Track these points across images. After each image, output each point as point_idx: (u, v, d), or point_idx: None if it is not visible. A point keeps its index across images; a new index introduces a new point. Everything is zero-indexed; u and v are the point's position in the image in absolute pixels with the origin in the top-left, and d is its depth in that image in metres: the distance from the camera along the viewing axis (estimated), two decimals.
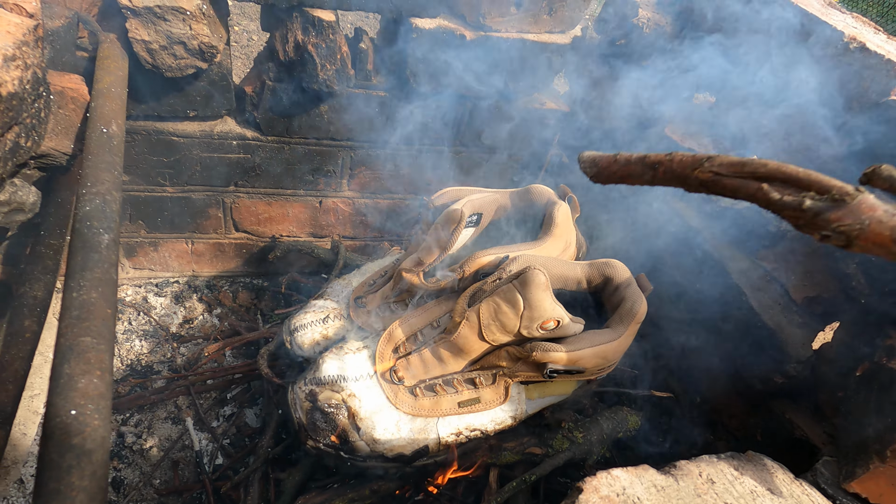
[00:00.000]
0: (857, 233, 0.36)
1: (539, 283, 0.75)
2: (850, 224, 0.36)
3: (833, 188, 0.38)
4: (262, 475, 0.95)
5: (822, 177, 0.39)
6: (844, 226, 0.36)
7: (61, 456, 0.37)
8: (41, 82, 0.63)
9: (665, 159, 0.49)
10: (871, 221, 0.35)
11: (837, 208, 0.37)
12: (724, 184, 0.43)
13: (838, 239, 0.37)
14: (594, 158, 0.59)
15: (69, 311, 0.46)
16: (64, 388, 0.41)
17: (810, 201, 0.38)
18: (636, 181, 0.53)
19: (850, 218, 0.36)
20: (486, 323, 0.79)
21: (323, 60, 0.99)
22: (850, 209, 0.36)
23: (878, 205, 0.36)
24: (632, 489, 0.51)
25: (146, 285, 1.32)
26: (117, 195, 0.60)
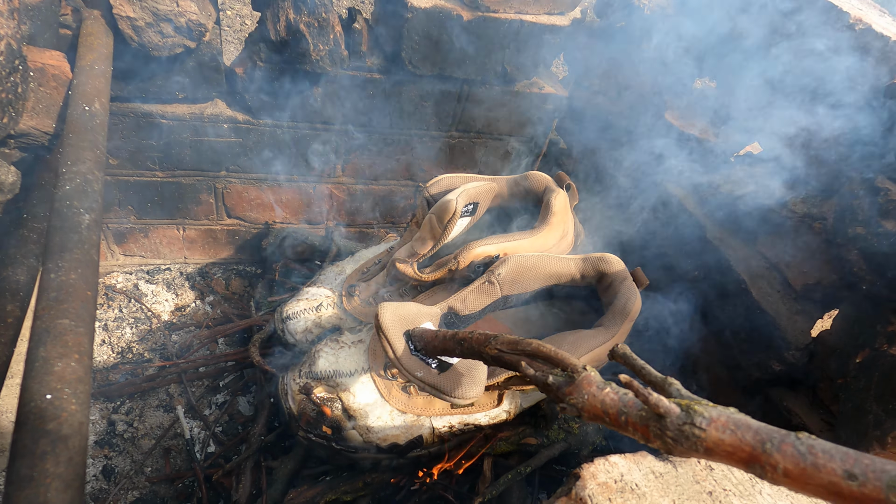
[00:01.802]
0: (581, 405, 0.41)
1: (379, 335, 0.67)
2: (577, 398, 0.42)
3: (569, 366, 0.44)
4: (254, 463, 0.94)
5: (565, 356, 0.46)
6: (573, 399, 0.42)
7: (35, 442, 0.35)
8: (16, 55, 0.60)
9: (467, 337, 0.58)
10: (588, 396, 0.41)
11: (569, 383, 0.43)
12: (505, 359, 0.52)
13: (572, 410, 0.42)
14: (421, 334, 0.67)
15: (46, 292, 0.44)
16: (39, 372, 0.39)
17: (552, 377, 0.45)
18: (451, 354, 0.61)
19: (577, 392, 0.42)
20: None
21: (315, 40, 0.96)
22: (576, 385, 0.42)
23: (594, 381, 0.42)
24: (630, 476, 0.50)
25: (137, 272, 1.30)
26: (99, 174, 0.58)
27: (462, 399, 0.62)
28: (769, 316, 0.91)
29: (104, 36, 0.80)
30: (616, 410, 0.39)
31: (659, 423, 0.35)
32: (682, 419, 0.34)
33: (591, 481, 0.48)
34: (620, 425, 0.39)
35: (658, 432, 0.35)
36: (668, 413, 0.35)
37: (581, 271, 0.84)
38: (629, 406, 0.38)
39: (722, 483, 0.54)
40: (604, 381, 0.42)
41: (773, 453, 0.29)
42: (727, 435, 0.32)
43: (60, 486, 0.34)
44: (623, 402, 0.39)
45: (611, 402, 0.39)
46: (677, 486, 0.52)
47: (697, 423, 0.33)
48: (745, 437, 0.31)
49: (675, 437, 0.34)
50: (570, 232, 0.98)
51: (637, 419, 0.37)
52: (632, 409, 0.38)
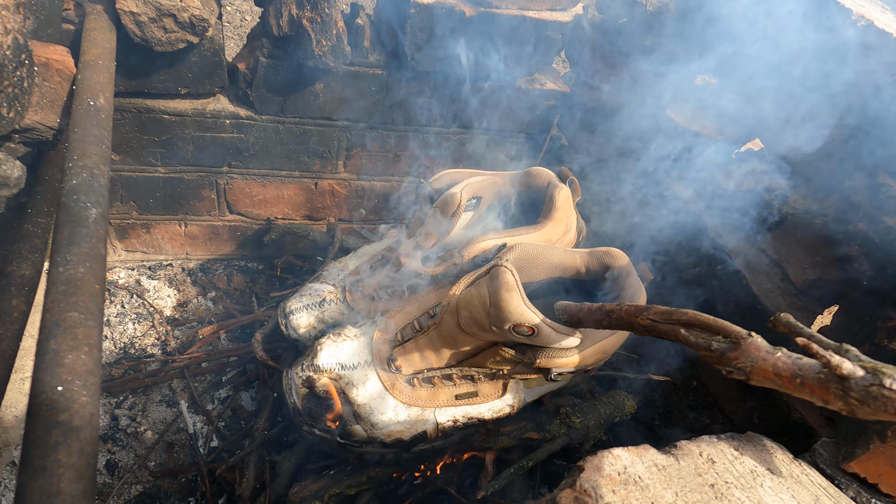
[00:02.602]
0: (750, 369, 0.44)
1: (505, 283, 0.69)
2: (745, 362, 0.44)
3: (732, 333, 0.47)
4: (257, 458, 0.95)
5: (726, 324, 0.48)
6: (741, 363, 0.44)
7: (47, 433, 0.36)
8: (23, 49, 0.60)
9: (616, 309, 0.60)
10: (758, 360, 0.43)
11: (736, 349, 0.45)
12: (658, 329, 0.54)
13: (738, 374, 0.45)
14: (566, 308, 0.72)
15: (56, 286, 0.45)
16: (50, 364, 0.39)
17: (716, 344, 0.48)
18: (598, 326, 0.65)
19: (744, 357, 0.44)
20: (462, 314, 0.77)
21: (318, 36, 0.96)
22: (743, 350, 0.45)
23: (762, 346, 0.44)
24: (633, 468, 0.50)
25: (139, 268, 1.30)
26: (105, 169, 0.58)
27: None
28: (770, 312, 0.92)
29: (107, 31, 0.80)
30: (790, 373, 0.40)
31: (841, 385, 0.36)
32: (868, 380, 0.35)
33: (594, 473, 0.48)
34: (795, 388, 0.39)
35: (840, 394, 0.36)
36: (853, 375, 0.35)
37: (586, 264, 0.85)
38: (804, 369, 0.39)
39: (724, 476, 0.55)
40: (773, 347, 0.43)
41: None
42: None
43: (73, 476, 0.35)
44: (797, 366, 0.39)
45: (783, 366, 0.40)
46: (679, 478, 0.53)
47: (887, 384, 0.34)
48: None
49: (861, 399, 0.35)
50: (573, 227, 0.98)
51: (815, 381, 0.37)
52: (808, 371, 0.38)
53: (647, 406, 1.12)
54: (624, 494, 0.46)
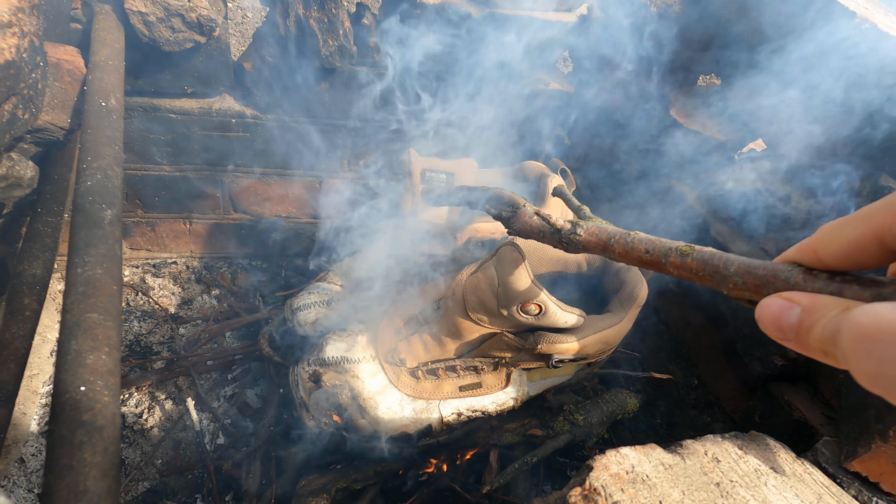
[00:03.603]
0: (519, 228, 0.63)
1: (513, 260, 0.72)
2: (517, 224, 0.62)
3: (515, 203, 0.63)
4: (263, 454, 0.96)
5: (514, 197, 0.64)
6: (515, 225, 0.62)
7: (72, 432, 0.36)
8: (38, 51, 0.61)
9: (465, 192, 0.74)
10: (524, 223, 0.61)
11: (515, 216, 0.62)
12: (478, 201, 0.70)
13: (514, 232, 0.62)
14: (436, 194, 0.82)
15: (74, 287, 0.45)
16: (72, 365, 0.40)
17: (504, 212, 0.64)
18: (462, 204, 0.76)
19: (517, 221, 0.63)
20: (469, 300, 0.78)
21: (325, 36, 0.97)
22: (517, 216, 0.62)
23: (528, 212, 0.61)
24: (640, 467, 0.51)
25: (143, 266, 1.30)
26: (119, 170, 0.58)
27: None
28: None
29: (116, 31, 0.80)
30: (538, 230, 0.57)
31: (559, 235, 0.53)
32: (570, 231, 0.52)
33: (603, 472, 0.49)
34: (541, 237, 0.57)
35: (558, 239, 0.54)
36: (563, 228, 0.53)
37: (587, 259, 0.86)
38: (545, 227, 0.56)
39: (729, 475, 0.56)
40: (533, 212, 0.59)
41: (613, 244, 0.45)
42: (592, 237, 0.49)
43: (98, 475, 0.35)
44: (541, 225, 0.57)
45: (536, 225, 0.58)
46: (686, 477, 0.53)
47: (577, 232, 0.51)
48: (601, 237, 0.48)
49: (566, 242, 0.52)
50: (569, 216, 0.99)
51: (549, 234, 0.55)
52: (546, 228, 0.56)
53: (647, 404, 1.13)
54: (633, 493, 0.47)
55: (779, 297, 0.26)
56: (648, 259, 0.41)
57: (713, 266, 0.33)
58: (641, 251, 0.42)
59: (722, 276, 0.32)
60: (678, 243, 0.39)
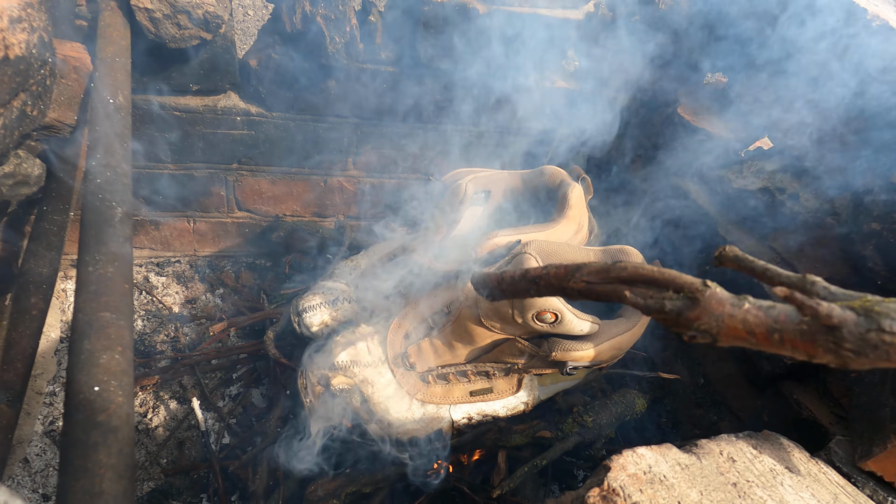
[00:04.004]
0: (716, 330, 0.36)
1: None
2: (708, 322, 0.36)
3: (685, 286, 0.38)
4: (270, 455, 0.95)
5: (675, 275, 0.39)
6: (704, 324, 0.36)
7: (87, 433, 0.36)
8: (47, 47, 0.60)
9: (543, 273, 0.52)
10: (724, 317, 0.35)
11: (694, 307, 0.37)
12: (597, 290, 0.46)
13: (704, 337, 0.37)
14: (484, 279, 0.63)
15: (86, 286, 0.45)
16: (86, 364, 0.39)
17: (669, 303, 0.39)
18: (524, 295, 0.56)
19: (706, 315, 0.36)
20: (483, 306, 0.78)
21: (332, 33, 0.96)
22: (702, 307, 0.36)
23: (725, 298, 0.36)
24: (657, 467, 0.51)
25: (147, 265, 1.29)
26: (128, 168, 0.58)
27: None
28: None
29: (122, 28, 0.79)
30: (765, 329, 0.33)
31: (832, 336, 0.30)
32: (863, 325, 0.29)
33: (621, 472, 0.49)
34: (773, 344, 0.33)
35: (831, 346, 0.30)
36: (844, 322, 0.30)
37: (600, 259, 0.85)
38: (781, 321, 0.32)
39: (745, 475, 0.55)
40: (737, 297, 0.36)
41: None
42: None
43: (114, 477, 0.35)
44: (772, 318, 0.33)
45: (755, 320, 0.34)
46: (703, 477, 0.53)
47: (886, 326, 0.28)
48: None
49: (858, 349, 0.29)
50: (585, 226, 0.98)
51: (797, 335, 0.31)
52: (786, 323, 0.32)
53: (654, 403, 1.12)
54: (651, 494, 0.47)
55: None
56: None
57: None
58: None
59: None
60: None
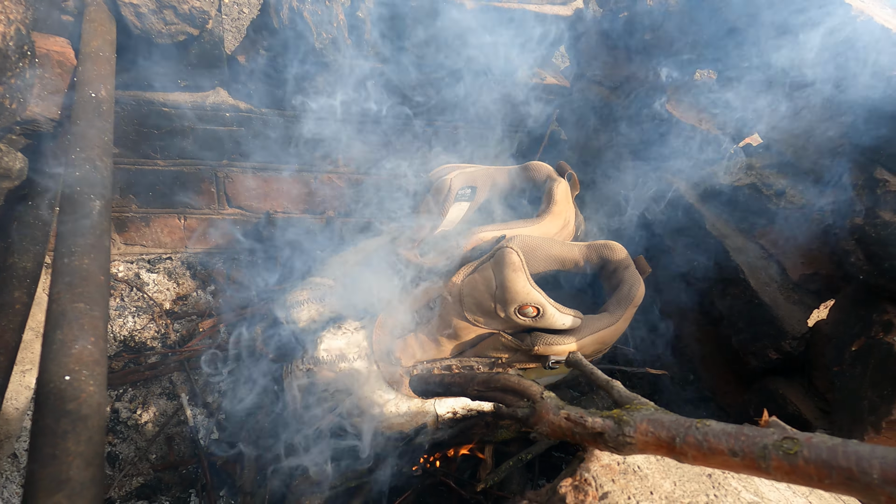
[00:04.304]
0: (546, 432, 0.47)
1: (510, 263, 0.71)
2: (541, 426, 0.48)
3: (529, 396, 0.50)
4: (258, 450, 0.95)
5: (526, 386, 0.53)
6: (539, 428, 0.48)
7: (56, 422, 0.36)
8: (25, 40, 0.60)
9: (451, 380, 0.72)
10: (548, 423, 0.47)
11: (534, 413, 0.49)
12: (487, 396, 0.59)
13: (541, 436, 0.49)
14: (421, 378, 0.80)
15: (61, 277, 0.45)
16: (57, 354, 0.39)
17: (520, 411, 0.50)
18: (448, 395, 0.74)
19: (540, 422, 0.48)
20: (466, 302, 0.78)
21: (319, 29, 0.96)
22: (538, 414, 0.48)
23: (550, 406, 0.47)
24: (632, 458, 0.51)
25: (138, 261, 1.30)
26: (108, 161, 0.58)
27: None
28: (767, 306, 0.93)
29: (107, 23, 0.79)
30: (571, 432, 0.45)
31: (602, 438, 0.41)
32: (616, 431, 0.40)
33: (594, 463, 0.49)
34: (577, 441, 0.44)
35: (603, 445, 0.41)
36: (605, 430, 0.41)
37: (585, 257, 0.85)
38: (579, 426, 0.44)
39: None
40: (558, 406, 0.47)
41: (682, 445, 0.34)
42: (649, 437, 0.38)
43: (82, 464, 0.35)
44: (574, 423, 0.45)
45: (566, 426, 0.46)
46: (678, 468, 0.53)
47: (627, 432, 0.39)
48: (661, 436, 0.37)
49: (615, 446, 0.40)
50: (571, 221, 0.98)
51: (588, 436, 0.43)
52: (581, 429, 0.44)
53: None
54: (623, 483, 0.47)
55: None
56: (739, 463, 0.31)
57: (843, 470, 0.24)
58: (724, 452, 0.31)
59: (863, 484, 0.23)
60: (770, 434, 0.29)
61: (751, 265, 0.98)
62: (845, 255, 0.82)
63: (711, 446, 0.32)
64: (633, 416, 0.39)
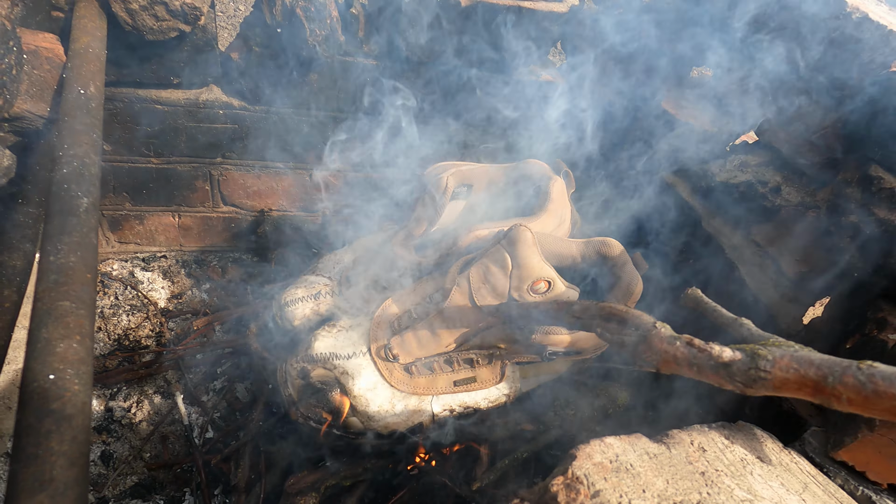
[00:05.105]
0: (656, 361, 0.45)
1: (525, 241, 0.74)
2: (651, 356, 0.45)
3: (640, 325, 0.47)
4: (252, 448, 0.95)
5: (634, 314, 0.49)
6: (648, 356, 0.45)
7: (39, 421, 0.36)
8: (10, 35, 0.60)
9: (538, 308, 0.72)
10: (661, 353, 0.44)
11: (643, 342, 0.46)
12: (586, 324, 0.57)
13: (649, 367, 0.45)
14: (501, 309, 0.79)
15: (47, 274, 0.44)
16: (41, 353, 0.39)
17: (627, 338, 0.48)
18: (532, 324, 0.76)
19: (650, 351, 0.45)
20: (477, 287, 0.79)
21: (312, 25, 0.95)
22: (648, 344, 0.45)
23: (665, 336, 0.45)
24: (625, 456, 0.51)
25: (132, 260, 1.29)
26: (96, 158, 0.57)
27: None
28: (762, 303, 0.92)
29: (98, 19, 0.79)
30: (688, 363, 0.42)
31: (727, 371, 0.37)
32: (746, 364, 0.36)
33: (586, 461, 0.49)
34: (696, 375, 0.41)
35: (728, 379, 0.38)
36: (733, 361, 0.37)
37: (582, 254, 0.85)
38: (699, 357, 0.40)
39: (714, 464, 0.56)
40: (674, 336, 0.44)
41: (836, 385, 0.31)
42: (791, 373, 0.34)
43: (65, 464, 0.35)
44: (693, 355, 0.41)
45: (682, 357, 0.42)
46: (671, 466, 0.53)
47: (762, 366, 0.35)
48: (808, 374, 0.33)
49: (745, 382, 0.36)
50: (568, 219, 0.98)
51: (709, 369, 0.39)
52: (702, 359, 0.40)
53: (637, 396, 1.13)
54: (615, 482, 0.47)
55: None
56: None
57: None
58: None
59: None
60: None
61: (746, 262, 0.98)
62: (840, 253, 0.82)
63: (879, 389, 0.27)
64: (772, 350, 0.36)
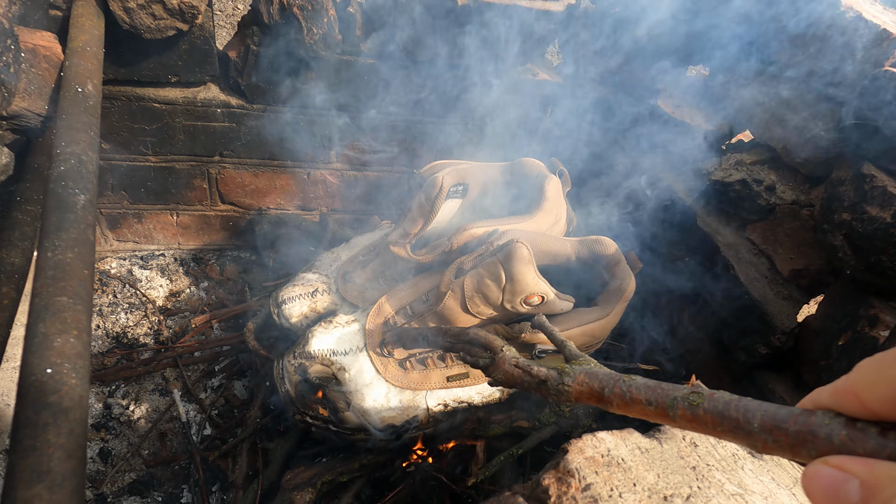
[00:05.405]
0: (501, 379, 0.57)
1: (521, 258, 0.74)
2: (497, 374, 0.57)
3: (492, 348, 0.60)
4: (250, 445, 0.96)
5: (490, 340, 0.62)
6: (496, 375, 0.57)
7: (37, 414, 0.36)
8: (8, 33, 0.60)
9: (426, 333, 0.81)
10: (504, 371, 0.56)
11: (492, 364, 0.58)
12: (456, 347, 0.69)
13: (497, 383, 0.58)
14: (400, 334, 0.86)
15: (44, 271, 0.45)
16: (39, 347, 0.40)
17: (482, 361, 0.61)
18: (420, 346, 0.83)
19: (496, 370, 0.57)
20: (470, 295, 0.79)
21: (309, 24, 0.96)
22: (496, 364, 0.58)
23: (508, 358, 0.57)
24: (616, 451, 0.52)
25: (131, 258, 1.30)
26: (94, 156, 0.58)
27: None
28: (756, 301, 0.93)
29: (95, 17, 0.79)
30: (521, 380, 0.53)
31: (545, 386, 0.47)
32: (557, 380, 0.46)
33: (578, 455, 0.49)
34: (526, 389, 0.52)
35: (547, 393, 0.47)
36: (548, 378, 0.47)
37: (577, 252, 0.86)
38: (526, 378, 0.52)
39: (705, 458, 0.56)
40: (514, 358, 0.56)
41: (609, 395, 0.39)
42: (584, 387, 0.43)
43: (63, 456, 0.35)
44: (525, 373, 0.52)
45: (517, 375, 0.53)
46: (662, 460, 0.54)
47: (566, 381, 0.45)
48: (593, 386, 0.42)
49: (555, 394, 0.46)
50: (563, 217, 0.99)
51: (534, 385, 0.50)
52: (528, 378, 0.51)
53: None
54: (607, 475, 0.47)
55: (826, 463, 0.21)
56: (653, 412, 0.34)
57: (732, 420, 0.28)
58: (643, 402, 0.35)
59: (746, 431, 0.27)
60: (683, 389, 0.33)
61: (741, 260, 0.98)
62: (833, 251, 0.83)
63: (632, 397, 0.36)
64: (574, 368, 0.45)
